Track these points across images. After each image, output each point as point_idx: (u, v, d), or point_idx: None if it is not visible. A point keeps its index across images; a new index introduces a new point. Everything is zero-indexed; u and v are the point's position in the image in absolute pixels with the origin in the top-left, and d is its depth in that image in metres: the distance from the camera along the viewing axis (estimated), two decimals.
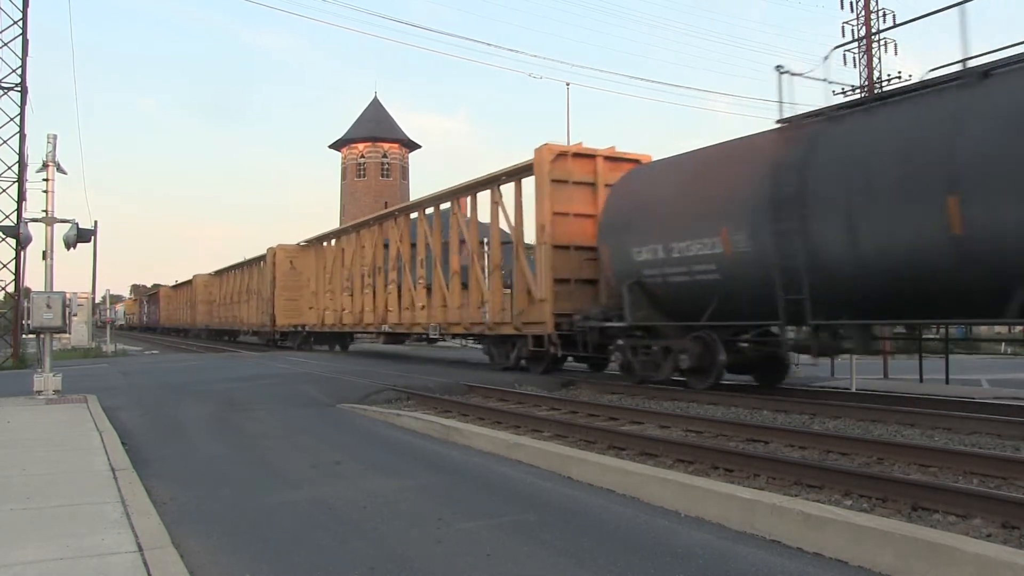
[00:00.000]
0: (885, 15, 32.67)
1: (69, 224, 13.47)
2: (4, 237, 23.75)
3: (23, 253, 23.89)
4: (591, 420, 10.55)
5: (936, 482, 6.32)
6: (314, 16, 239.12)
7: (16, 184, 23.80)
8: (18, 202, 23.83)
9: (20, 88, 23.79)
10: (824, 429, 9.37)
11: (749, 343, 13.08)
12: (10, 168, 23.87)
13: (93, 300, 37.03)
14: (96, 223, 24.52)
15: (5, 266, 24.13)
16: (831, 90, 14.02)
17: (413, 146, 62.18)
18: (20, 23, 23.82)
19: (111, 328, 43.14)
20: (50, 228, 13.26)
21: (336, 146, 61.50)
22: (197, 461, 7.99)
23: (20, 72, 23.82)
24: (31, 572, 3.99)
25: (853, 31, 32.84)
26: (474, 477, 6.96)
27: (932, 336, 16.58)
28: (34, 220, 13.88)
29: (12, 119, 23.73)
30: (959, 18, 9.64)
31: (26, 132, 23.71)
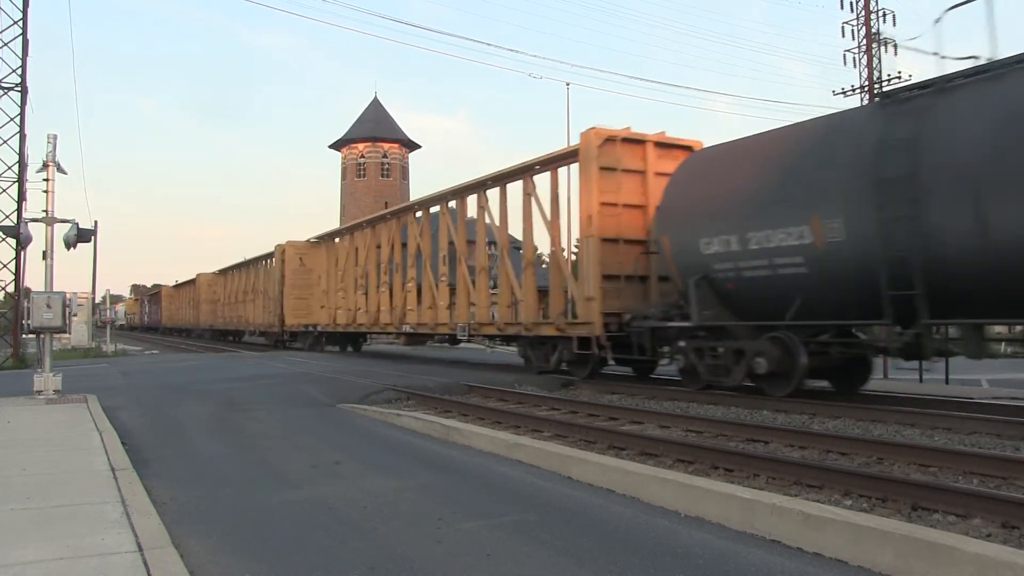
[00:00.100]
0: (885, 15, 32.67)
1: (69, 224, 13.49)
2: (4, 237, 23.78)
3: (23, 253, 23.92)
4: (591, 420, 10.55)
5: (936, 482, 6.32)
6: (314, 16, 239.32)
7: (16, 184, 23.83)
8: (18, 202, 23.86)
9: (20, 88, 23.81)
10: (824, 429, 9.36)
11: (833, 344, 11.51)
12: (10, 168, 23.92)
13: (93, 300, 37.06)
14: (96, 223, 24.57)
15: (5, 266, 24.17)
16: (830, 89, 13.98)
17: (413, 146, 62.17)
18: (20, 23, 23.85)
19: (111, 328, 43.13)
20: (50, 228, 13.27)
21: (336, 146, 61.48)
22: (197, 461, 8.00)
23: (20, 72, 23.86)
24: (31, 572, 3.99)
25: (853, 31, 32.85)
26: (474, 477, 6.96)
27: None
28: (34, 220, 13.90)
29: (12, 119, 23.77)
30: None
31: (26, 132, 23.80)
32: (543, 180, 17.15)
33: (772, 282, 11.44)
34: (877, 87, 30.56)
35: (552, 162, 16.61)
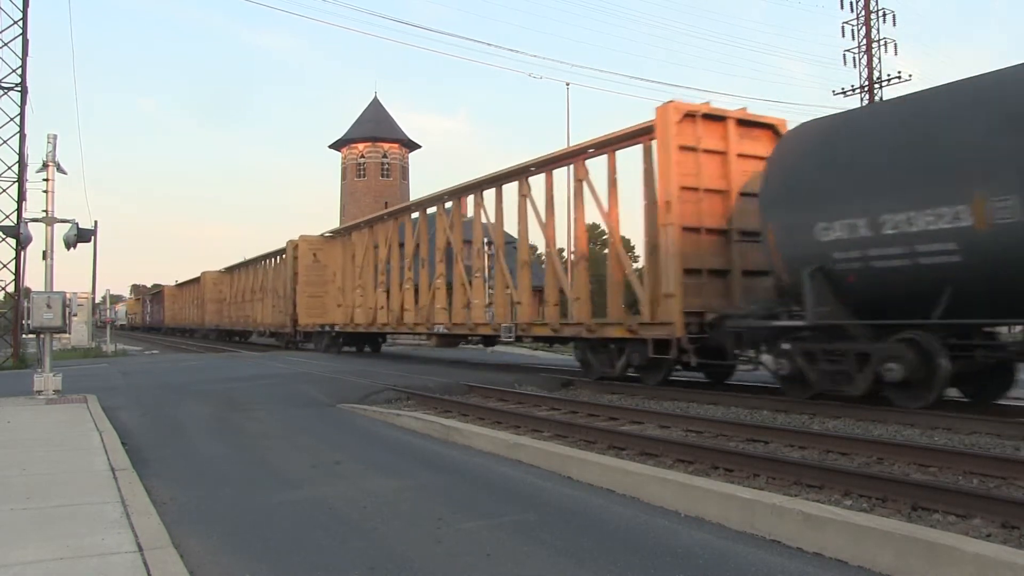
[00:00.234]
0: (885, 15, 32.70)
1: (69, 224, 13.49)
2: (4, 237, 23.80)
3: (23, 253, 23.93)
4: (591, 420, 10.56)
5: (936, 482, 6.32)
6: (314, 16, 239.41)
7: (16, 184, 23.85)
8: (18, 202, 23.87)
9: (20, 88, 23.83)
10: (824, 429, 9.36)
11: (978, 347, 9.98)
12: (10, 168, 23.93)
13: (93, 300, 37.04)
14: (96, 223, 24.49)
15: (5, 266, 24.20)
16: (830, 89, 13.89)
17: (413, 146, 62.17)
18: (20, 23, 23.87)
19: (111, 328, 43.10)
20: (50, 228, 13.28)
21: (336, 146, 61.48)
22: (197, 461, 8.00)
23: (20, 72, 23.87)
24: (31, 572, 3.99)
25: (853, 31, 32.88)
26: (474, 477, 6.96)
27: None
28: (34, 220, 13.91)
29: (12, 119, 23.79)
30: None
31: (26, 132, 23.82)
32: (597, 165, 15.43)
33: (912, 273, 9.88)
34: (877, 87, 30.57)
35: (611, 144, 15.02)
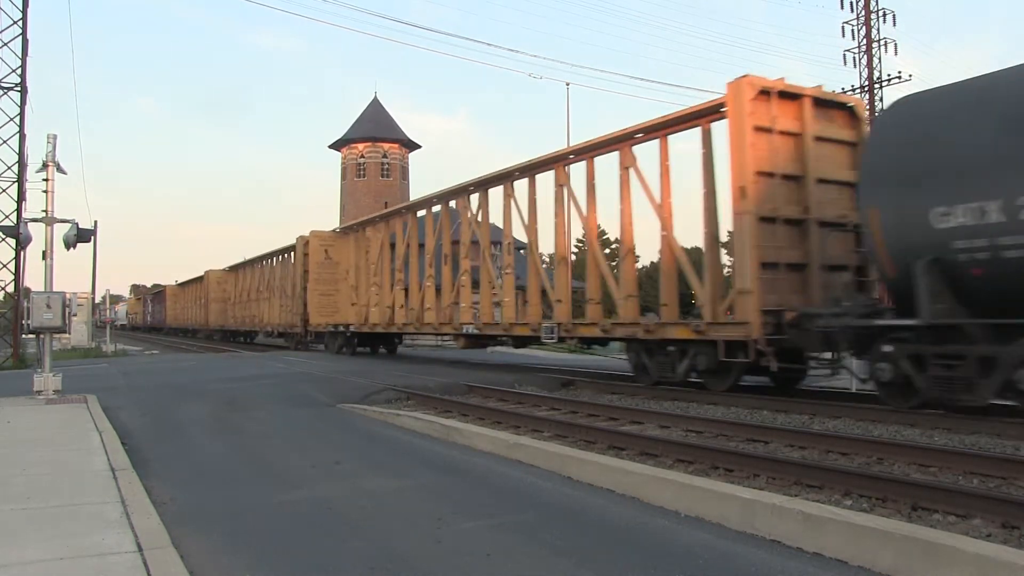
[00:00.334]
0: (885, 15, 32.69)
1: (69, 224, 13.48)
2: (4, 237, 23.80)
3: (23, 253, 23.94)
4: (591, 420, 10.56)
5: (936, 482, 6.33)
6: (314, 16, 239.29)
7: (16, 184, 23.85)
8: (18, 202, 23.88)
9: (20, 88, 23.83)
10: (824, 429, 9.36)
11: None
12: (10, 168, 23.94)
13: (93, 300, 37.01)
14: (96, 223, 24.40)
15: (5, 266, 24.19)
16: (830, 89, 13.77)
17: (413, 146, 62.15)
18: (20, 23, 23.87)
19: (111, 328, 43.04)
20: (50, 228, 13.27)
21: (336, 146, 61.46)
22: (197, 461, 8.00)
23: (20, 72, 23.88)
24: (31, 572, 3.99)
25: (853, 31, 32.88)
26: (474, 477, 6.96)
27: None
28: (34, 220, 13.89)
29: (12, 119, 23.80)
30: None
31: (26, 132, 23.84)
32: (647, 151, 14.20)
33: None
34: (877, 87, 30.56)
35: (663, 127, 14.02)
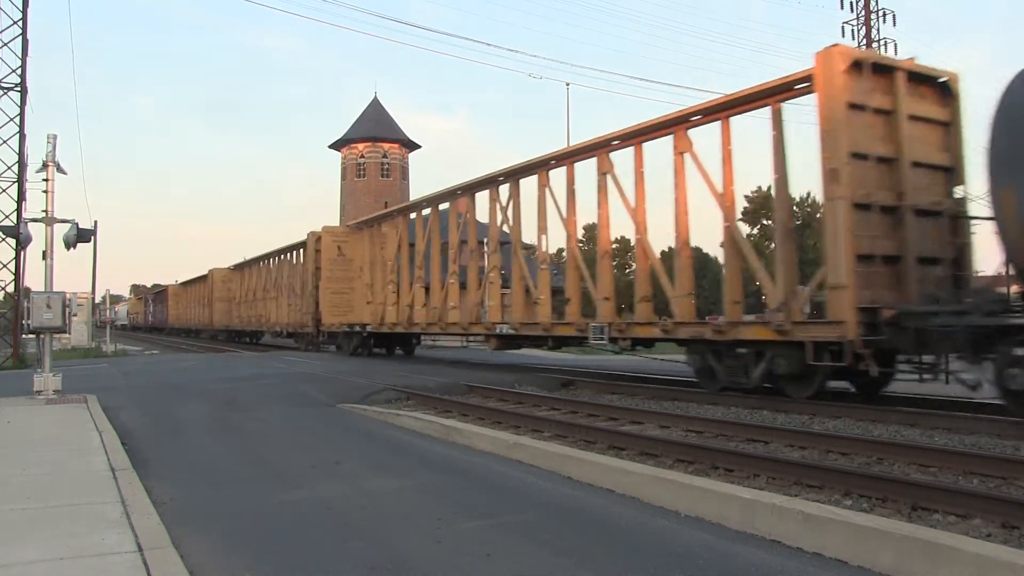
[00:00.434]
0: (885, 15, 32.69)
1: (69, 224, 13.48)
2: (4, 237, 23.81)
3: (23, 253, 23.93)
4: (591, 420, 10.55)
5: (936, 482, 6.33)
6: (314, 16, 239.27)
7: (16, 184, 23.86)
8: (18, 202, 23.89)
9: (20, 88, 23.84)
10: (824, 429, 9.37)
11: None
12: (10, 168, 23.95)
13: (93, 300, 37.00)
14: (96, 223, 24.43)
15: (5, 266, 24.20)
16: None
17: (413, 146, 62.14)
18: (20, 23, 23.87)
19: (111, 328, 43.00)
20: (50, 228, 13.28)
21: (336, 146, 61.45)
22: (197, 461, 8.00)
23: (20, 72, 23.89)
24: (32, 572, 3.99)
25: (853, 31, 32.87)
26: (474, 477, 6.96)
27: None
28: (34, 220, 13.90)
29: (12, 119, 23.81)
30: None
31: (26, 132, 23.85)
32: (705, 136, 13.31)
33: None
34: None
35: (726, 108, 12.76)
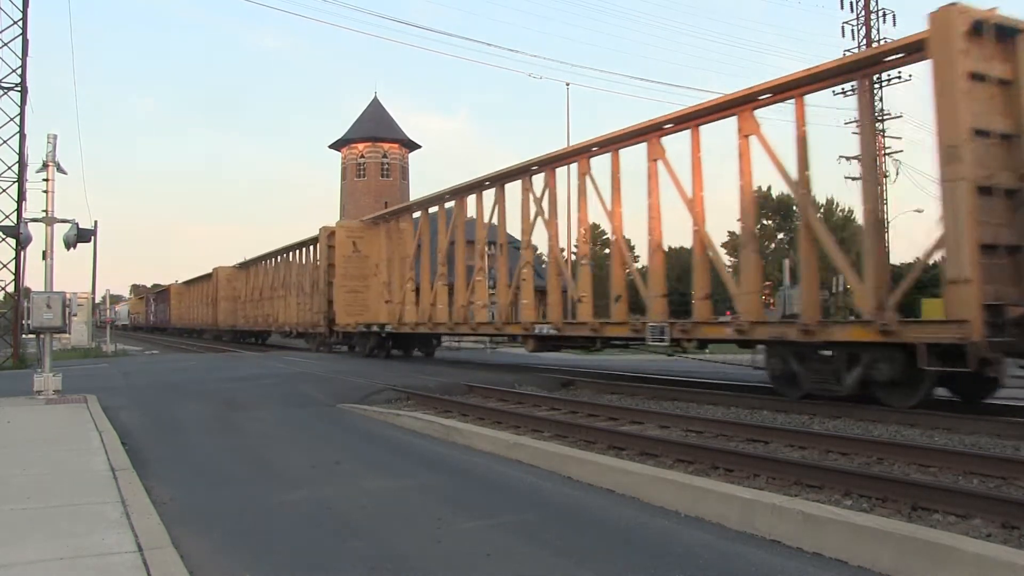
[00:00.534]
0: (885, 15, 32.68)
1: (69, 224, 13.49)
2: (4, 237, 23.78)
3: (23, 253, 23.91)
4: (591, 420, 10.55)
5: (936, 482, 6.33)
6: (314, 16, 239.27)
7: (16, 184, 23.83)
8: (18, 202, 23.86)
9: (20, 88, 23.81)
10: (824, 429, 9.37)
11: None
12: (10, 168, 23.91)
13: (93, 300, 36.99)
14: (96, 223, 24.44)
15: (5, 266, 24.16)
16: (830, 89, 13.71)
17: (413, 146, 62.15)
18: (20, 23, 23.85)
19: (111, 328, 42.96)
20: (50, 228, 13.28)
21: (336, 146, 61.46)
22: (197, 461, 8.00)
23: (20, 72, 23.85)
24: (32, 571, 3.99)
25: (853, 31, 32.88)
26: (474, 477, 6.96)
27: None
28: (34, 220, 13.91)
29: (12, 119, 23.77)
30: None
31: (26, 132, 23.80)
32: (776, 116, 12.00)
33: None
34: (877, 86, 30.54)
35: (802, 84, 11.38)
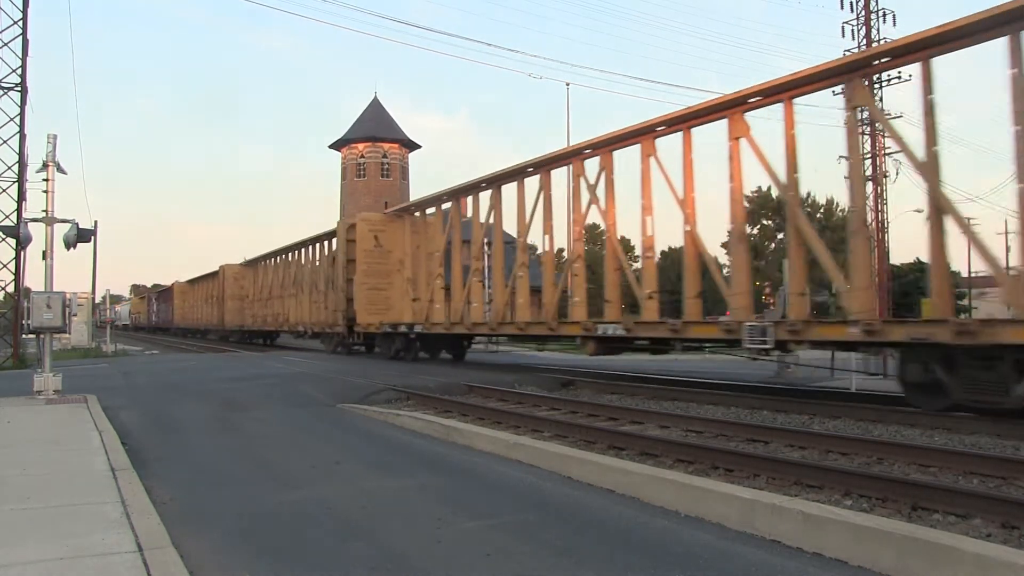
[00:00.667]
0: (885, 15, 32.66)
1: (69, 224, 13.48)
2: (4, 237, 23.79)
3: (23, 253, 23.91)
4: (591, 420, 10.55)
5: (936, 482, 6.33)
6: (314, 16, 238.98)
7: (16, 184, 23.84)
8: (18, 202, 23.87)
9: (20, 88, 23.82)
10: (824, 429, 9.37)
11: None
12: (10, 168, 23.92)
13: (93, 300, 36.98)
14: (96, 223, 24.44)
15: (5, 266, 24.17)
16: (831, 89, 13.69)
17: (413, 146, 62.16)
18: (20, 23, 23.86)
19: (111, 328, 42.94)
20: (50, 228, 13.27)
21: (336, 146, 61.47)
22: (197, 461, 8.00)
23: (20, 72, 23.86)
24: (31, 571, 3.99)
25: (853, 31, 32.85)
26: (474, 477, 6.96)
27: None
28: (34, 220, 13.90)
29: (12, 119, 23.78)
30: None
31: (26, 132, 23.82)
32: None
33: None
34: (877, 87, 30.53)
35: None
